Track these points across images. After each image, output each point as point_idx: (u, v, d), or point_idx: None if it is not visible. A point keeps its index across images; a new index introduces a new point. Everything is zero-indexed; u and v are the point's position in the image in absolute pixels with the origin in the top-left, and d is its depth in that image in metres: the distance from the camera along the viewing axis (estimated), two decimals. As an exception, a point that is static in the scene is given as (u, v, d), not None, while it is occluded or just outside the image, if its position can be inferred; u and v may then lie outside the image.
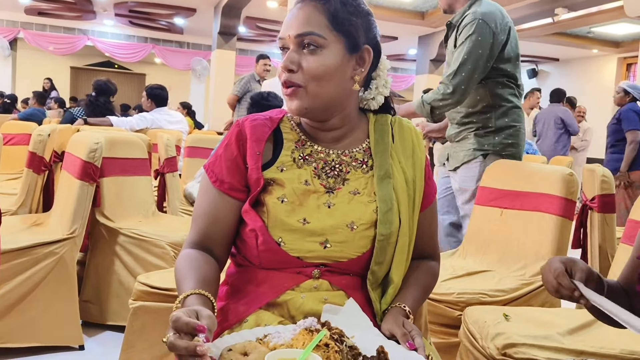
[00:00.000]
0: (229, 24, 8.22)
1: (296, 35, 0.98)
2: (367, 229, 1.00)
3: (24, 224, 2.44)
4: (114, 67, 13.91)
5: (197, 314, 0.78)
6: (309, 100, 0.99)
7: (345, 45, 1.00)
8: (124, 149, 2.66)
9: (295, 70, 0.98)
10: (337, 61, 0.99)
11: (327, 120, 1.04)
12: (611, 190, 2.01)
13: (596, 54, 10.81)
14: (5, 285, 2.02)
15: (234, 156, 1.03)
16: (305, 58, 0.98)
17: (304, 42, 0.98)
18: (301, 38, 0.98)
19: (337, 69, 0.99)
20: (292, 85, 0.99)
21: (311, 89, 0.98)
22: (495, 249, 2.19)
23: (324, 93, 0.99)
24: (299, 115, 1.02)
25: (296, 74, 0.98)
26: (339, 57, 0.99)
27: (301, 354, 0.74)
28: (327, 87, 0.99)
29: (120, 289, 2.40)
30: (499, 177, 2.29)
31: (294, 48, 0.99)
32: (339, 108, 1.04)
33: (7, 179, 3.53)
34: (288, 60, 0.98)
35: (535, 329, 1.49)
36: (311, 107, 0.99)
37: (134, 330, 1.76)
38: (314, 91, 0.98)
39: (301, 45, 0.98)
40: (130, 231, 2.41)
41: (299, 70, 0.98)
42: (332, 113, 1.03)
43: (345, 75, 1.01)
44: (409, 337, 0.90)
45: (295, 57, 0.98)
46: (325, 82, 0.98)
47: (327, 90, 0.99)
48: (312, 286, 1.00)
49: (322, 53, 0.98)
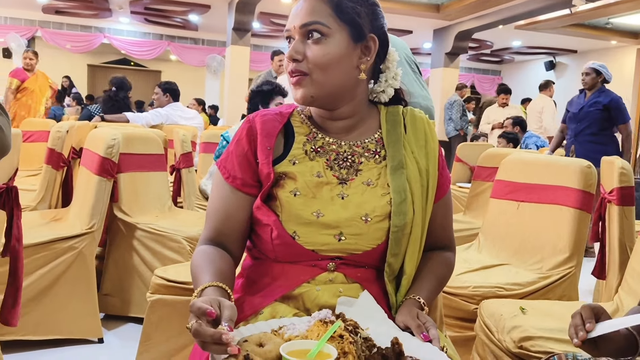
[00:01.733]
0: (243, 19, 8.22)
1: (301, 25, 0.99)
2: (381, 221, 1.00)
3: (44, 219, 2.48)
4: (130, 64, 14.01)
5: (220, 303, 0.79)
6: (314, 88, 0.99)
7: (349, 34, 1.00)
8: (140, 145, 2.69)
9: (300, 59, 0.99)
10: (341, 50, 0.99)
11: (336, 109, 1.05)
12: (630, 182, 1.98)
13: (615, 45, 10.62)
14: (26, 279, 2.05)
15: (244, 152, 1.03)
16: (309, 47, 0.99)
17: (309, 32, 0.99)
18: (306, 28, 0.99)
19: (341, 58, 0.99)
20: (297, 74, 1.00)
21: (316, 77, 0.99)
22: (511, 243, 2.18)
23: (329, 81, 1.00)
24: (304, 103, 1.03)
25: (301, 63, 0.99)
26: (344, 46, 0.99)
27: (315, 345, 0.74)
28: (332, 75, 0.99)
29: (139, 282, 2.44)
30: (515, 170, 2.27)
31: (299, 38, 1.00)
32: (347, 97, 1.04)
33: (27, 175, 3.59)
34: (293, 50, 0.99)
35: (552, 322, 1.48)
36: (317, 95, 1.00)
37: (152, 322, 1.79)
38: (319, 79, 0.99)
39: (306, 35, 0.99)
40: (148, 226, 2.44)
41: (304, 60, 0.99)
42: (339, 101, 1.04)
43: (350, 64, 1.01)
44: (423, 329, 0.90)
45: (300, 47, 0.99)
46: (330, 71, 0.99)
47: (332, 79, 1.00)
48: (328, 279, 1.00)
49: (327, 42, 0.98)
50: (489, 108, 7.69)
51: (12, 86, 6.00)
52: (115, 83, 4.66)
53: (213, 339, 0.72)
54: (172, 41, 11.97)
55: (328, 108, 1.05)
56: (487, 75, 14.19)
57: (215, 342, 0.72)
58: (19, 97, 6.04)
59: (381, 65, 1.09)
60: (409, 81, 2.10)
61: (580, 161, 2.05)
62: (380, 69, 1.09)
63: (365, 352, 0.78)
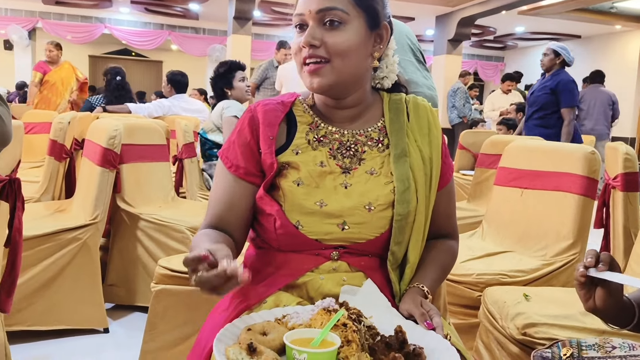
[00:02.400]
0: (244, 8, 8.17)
1: (318, 11, 0.96)
2: (384, 210, 1.00)
3: (47, 210, 2.49)
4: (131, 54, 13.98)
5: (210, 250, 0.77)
6: (333, 76, 0.97)
7: (366, 22, 0.98)
8: (142, 136, 2.68)
9: (318, 45, 0.96)
10: (359, 37, 0.98)
11: (345, 98, 1.04)
12: (635, 168, 1.97)
13: (619, 30, 10.52)
14: (31, 270, 2.07)
15: (247, 141, 1.03)
16: (327, 34, 0.96)
17: (326, 18, 0.96)
18: (323, 13, 0.96)
19: (359, 45, 0.98)
20: (316, 60, 0.97)
21: (336, 65, 0.96)
22: (515, 230, 2.17)
23: (347, 69, 0.98)
24: (321, 92, 1.01)
25: (319, 49, 0.96)
26: (362, 34, 0.98)
27: (319, 333, 0.74)
28: (350, 63, 0.97)
29: (143, 272, 2.45)
30: (518, 157, 2.26)
31: (314, 24, 0.97)
32: (357, 85, 1.03)
33: (30, 167, 3.60)
34: (310, 36, 0.96)
35: (555, 309, 1.48)
36: (335, 84, 0.98)
37: (157, 312, 1.80)
38: (339, 67, 0.97)
39: (322, 21, 0.96)
40: (151, 216, 2.45)
41: (321, 46, 0.96)
42: (350, 90, 1.03)
43: (366, 52, 1.00)
44: (427, 317, 0.90)
45: (317, 33, 0.96)
46: (349, 59, 0.97)
47: (350, 67, 0.98)
48: (331, 268, 1.00)
49: (345, 29, 0.96)
50: (492, 94, 7.66)
51: (35, 79, 5.97)
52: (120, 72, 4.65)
53: (219, 277, 0.72)
54: (172, 31, 11.92)
55: (337, 97, 1.03)
56: (490, 62, 14.10)
57: (223, 279, 0.72)
58: (42, 90, 5.98)
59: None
60: (413, 70, 2.09)
61: (584, 147, 2.04)
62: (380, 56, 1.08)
63: (369, 340, 0.78)
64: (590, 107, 6.63)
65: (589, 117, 6.61)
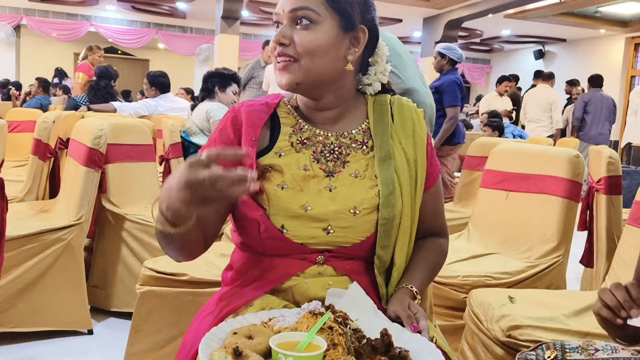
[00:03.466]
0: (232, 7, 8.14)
1: (290, 10, 0.97)
2: (369, 213, 1.00)
3: (31, 210, 2.45)
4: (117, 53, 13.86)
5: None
6: (301, 74, 0.98)
7: (339, 23, 0.98)
8: (128, 135, 2.66)
9: (287, 43, 0.97)
10: (330, 38, 0.98)
11: (321, 99, 1.03)
12: (618, 171, 2.00)
13: (604, 34, 10.66)
14: (14, 271, 2.04)
15: (230, 139, 1.02)
16: (297, 32, 0.97)
17: (298, 17, 0.97)
18: (295, 13, 0.97)
19: (330, 46, 0.98)
20: (285, 58, 0.98)
21: (304, 63, 0.97)
22: (500, 232, 2.19)
23: (316, 69, 0.98)
24: (289, 89, 1.01)
25: (288, 48, 0.98)
26: (333, 35, 0.98)
27: (305, 336, 0.74)
28: (319, 63, 0.98)
29: (127, 274, 2.43)
30: (504, 159, 2.28)
31: (287, 23, 0.98)
32: (332, 86, 1.02)
33: (13, 166, 3.55)
34: (280, 34, 0.98)
35: (540, 311, 1.49)
36: (302, 82, 0.98)
37: (142, 314, 1.78)
38: (307, 66, 0.97)
39: (295, 21, 0.98)
40: (136, 217, 2.43)
41: (291, 44, 0.97)
42: (324, 90, 1.02)
43: (338, 54, 1.00)
44: (413, 320, 0.90)
45: (288, 32, 0.98)
46: (318, 58, 0.97)
47: (319, 66, 0.98)
48: (317, 272, 0.99)
49: (315, 29, 0.97)
50: (489, 96, 7.66)
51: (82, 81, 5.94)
52: (97, 72, 4.61)
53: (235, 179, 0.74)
54: (159, 29, 11.85)
55: (313, 97, 1.03)
56: (476, 64, 14.21)
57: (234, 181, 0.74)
58: None
59: (370, 59, 1.08)
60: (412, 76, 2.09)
61: (569, 151, 2.06)
62: (369, 61, 1.08)
63: (355, 343, 0.78)
64: (597, 111, 6.68)
65: (595, 122, 6.67)
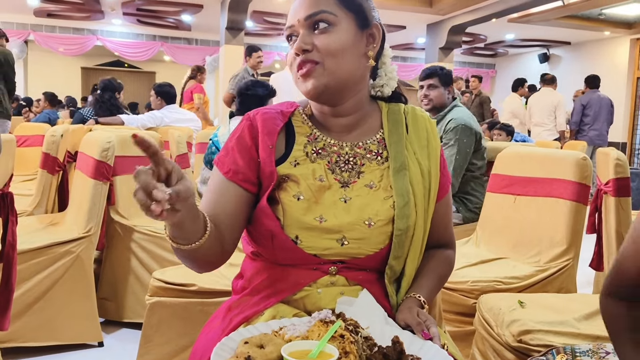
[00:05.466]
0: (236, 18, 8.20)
1: (306, 17, 0.97)
2: (384, 225, 0.99)
3: (41, 224, 2.47)
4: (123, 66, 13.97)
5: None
6: (326, 77, 0.96)
7: (355, 22, 0.99)
8: (136, 147, 2.67)
9: (310, 49, 0.96)
10: (350, 37, 0.98)
11: (340, 104, 1.02)
12: (626, 173, 1.99)
13: (608, 36, 10.63)
14: (24, 284, 2.05)
15: (248, 147, 1.00)
16: (317, 37, 0.96)
17: (315, 22, 0.96)
18: (312, 19, 0.96)
19: (351, 45, 0.98)
20: (308, 63, 0.96)
21: (328, 66, 0.96)
22: (509, 236, 2.18)
23: (341, 70, 0.97)
24: (315, 95, 0.99)
25: (311, 53, 0.96)
26: (352, 33, 0.98)
27: (317, 345, 0.74)
28: (344, 63, 0.97)
29: (136, 285, 2.43)
30: (511, 163, 2.27)
31: (304, 31, 0.97)
32: (354, 90, 1.02)
33: (23, 180, 3.58)
34: (301, 42, 0.96)
35: (550, 315, 1.48)
36: (329, 85, 0.97)
37: (151, 325, 1.79)
38: (332, 67, 0.96)
39: (312, 27, 0.97)
40: (145, 228, 2.44)
41: (313, 50, 0.96)
42: (346, 95, 1.01)
43: (359, 51, 1.00)
44: (423, 327, 0.90)
45: (308, 38, 0.97)
46: (341, 59, 0.97)
47: (343, 67, 0.97)
48: (329, 282, 0.99)
49: (335, 30, 0.97)
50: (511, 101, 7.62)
51: (198, 101, 6.15)
52: (101, 86, 4.64)
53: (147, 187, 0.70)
54: (165, 42, 11.93)
55: (333, 102, 1.02)
56: (481, 69, 14.20)
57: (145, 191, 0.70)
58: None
59: (379, 61, 1.08)
60: None
61: (575, 153, 2.05)
62: (377, 65, 1.08)
63: (367, 352, 0.78)
64: (596, 113, 6.65)
65: (595, 124, 6.64)
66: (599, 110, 6.66)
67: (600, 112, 6.65)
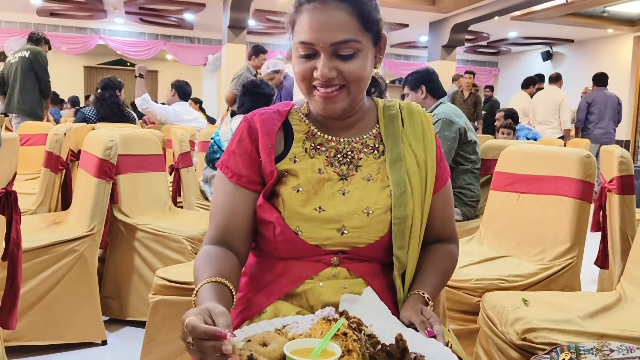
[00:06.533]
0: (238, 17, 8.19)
1: (333, 43, 0.95)
2: (383, 213, 1.01)
3: (44, 222, 2.48)
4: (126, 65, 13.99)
5: (210, 312, 0.75)
6: (349, 100, 1.00)
7: (372, 41, 1.00)
8: (138, 146, 2.68)
9: (335, 76, 0.97)
10: (370, 59, 1.00)
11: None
12: (630, 171, 1.98)
13: (611, 33, 10.59)
14: (28, 283, 2.06)
15: (248, 150, 1.03)
16: (343, 64, 0.96)
17: (340, 51, 0.95)
18: (338, 46, 0.95)
19: (369, 65, 1.00)
20: (335, 87, 0.98)
21: (353, 90, 0.99)
22: (512, 234, 2.18)
23: (361, 92, 1.01)
24: (334, 117, 1.03)
25: (336, 78, 0.97)
26: (371, 54, 1.00)
27: (319, 343, 0.74)
28: (364, 85, 1.01)
29: (140, 284, 2.44)
30: (514, 161, 2.26)
31: (327, 55, 0.96)
32: (361, 99, 1.05)
33: (26, 179, 3.58)
34: (327, 69, 0.95)
35: (555, 313, 1.47)
36: (348, 107, 1.01)
37: (155, 324, 1.79)
38: (355, 92, 1.00)
39: (336, 53, 0.96)
40: (148, 227, 2.44)
41: (338, 75, 0.97)
42: (356, 106, 1.05)
43: (372, 67, 1.03)
44: (427, 325, 0.90)
45: (332, 64, 0.96)
46: (364, 82, 1.00)
47: (363, 89, 1.01)
48: (331, 274, 1.00)
49: (360, 56, 0.97)
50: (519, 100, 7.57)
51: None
52: (101, 85, 4.66)
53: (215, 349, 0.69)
54: (167, 40, 11.94)
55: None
56: (484, 67, 14.17)
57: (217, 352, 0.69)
58: None
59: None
60: None
61: (579, 151, 2.05)
62: None
63: (370, 349, 0.78)
64: (601, 110, 6.63)
65: (600, 122, 6.62)
66: (605, 109, 6.63)
67: (606, 110, 6.63)
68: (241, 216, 1.02)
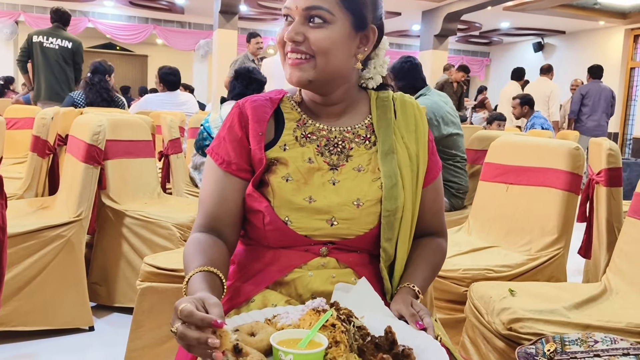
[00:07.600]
0: (230, 2, 8.10)
1: (305, 8, 0.96)
2: (373, 205, 1.00)
3: (31, 207, 2.45)
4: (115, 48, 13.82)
5: (204, 302, 0.75)
6: (314, 72, 0.98)
7: (352, 23, 0.99)
8: (127, 131, 2.65)
9: (301, 40, 0.97)
10: (342, 37, 0.98)
11: (329, 95, 1.04)
12: (618, 163, 2.00)
13: (603, 25, 10.62)
14: (14, 268, 2.04)
15: (239, 137, 1.03)
16: (311, 31, 0.97)
17: (311, 15, 0.97)
18: (309, 11, 0.96)
19: (342, 45, 0.98)
20: (298, 55, 0.98)
21: (319, 62, 0.98)
22: (500, 225, 2.19)
23: (329, 67, 0.98)
24: (300, 86, 1.02)
25: (302, 44, 0.97)
26: (345, 34, 0.98)
27: (307, 334, 0.74)
28: (332, 61, 0.98)
29: (127, 270, 2.43)
30: (504, 152, 2.27)
31: (299, 20, 0.97)
32: (340, 82, 1.04)
33: (13, 163, 3.54)
34: (293, 32, 0.97)
35: (540, 304, 1.49)
36: (315, 79, 0.99)
37: (143, 310, 1.78)
38: (321, 64, 0.98)
39: (307, 18, 0.97)
40: (136, 213, 2.42)
41: (304, 41, 0.97)
42: (333, 87, 1.03)
43: (349, 52, 1.01)
44: (417, 318, 0.90)
45: (300, 29, 0.97)
46: (331, 56, 0.98)
47: (331, 64, 0.98)
48: (320, 264, 1.00)
49: (329, 28, 0.97)
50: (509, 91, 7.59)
51: None
52: (91, 68, 4.60)
53: (199, 342, 0.69)
54: (157, 25, 11.79)
55: (321, 93, 1.04)
56: (475, 57, 14.17)
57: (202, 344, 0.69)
58: None
59: (371, 52, 1.08)
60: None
61: (568, 143, 2.06)
62: (369, 55, 1.08)
63: (359, 341, 0.78)
64: (595, 103, 6.65)
65: (594, 114, 6.64)
66: (598, 101, 6.66)
67: (599, 103, 6.66)
68: (230, 203, 1.01)
